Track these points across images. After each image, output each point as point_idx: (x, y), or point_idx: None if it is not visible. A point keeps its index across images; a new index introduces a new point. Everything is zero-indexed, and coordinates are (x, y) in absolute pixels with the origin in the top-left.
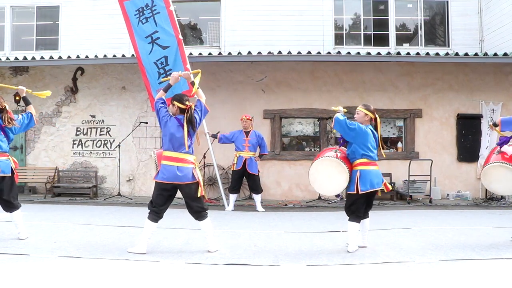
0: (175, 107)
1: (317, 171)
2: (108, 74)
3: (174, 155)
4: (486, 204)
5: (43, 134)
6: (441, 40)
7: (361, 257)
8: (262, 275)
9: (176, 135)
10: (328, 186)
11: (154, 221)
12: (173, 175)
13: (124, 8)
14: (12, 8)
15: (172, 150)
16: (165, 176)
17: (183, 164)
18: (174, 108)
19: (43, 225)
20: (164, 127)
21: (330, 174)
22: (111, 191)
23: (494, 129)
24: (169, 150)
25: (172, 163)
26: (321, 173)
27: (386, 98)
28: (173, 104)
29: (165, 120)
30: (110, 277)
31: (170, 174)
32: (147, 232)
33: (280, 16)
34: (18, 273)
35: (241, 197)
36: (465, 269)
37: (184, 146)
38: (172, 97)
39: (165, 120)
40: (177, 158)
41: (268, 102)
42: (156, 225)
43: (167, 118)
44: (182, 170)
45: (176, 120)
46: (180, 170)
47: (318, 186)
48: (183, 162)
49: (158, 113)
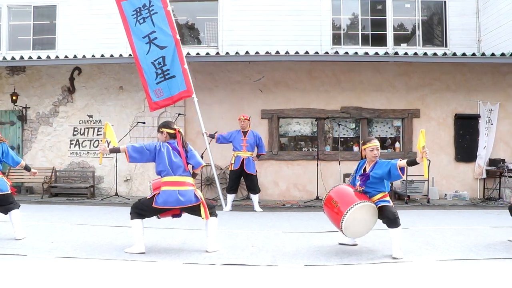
0: (164, 134)
1: (354, 219)
2: (106, 74)
3: (174, 179)
4: (484, 204)
5: (40, 134)
6: (438, 40)
7: (359, 257)
8: (260, 275)
9: (173, 159)
10: (362, 230)
11: (140, 218)
12: (175, 200)
13: (122, 8)
14: (8, 8)
15: (172, 174)
16: (166, 201)
17: (184, 187)
18: (163, 136)
19: (40, 225)
20: (158, 155)
21: (366, 219)
22: (108, 191)
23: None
24: (168, 175)
25: (172, 187)
26: (357, 219)
27: (384, 98)
28: (161, 132)
29: (158, 149)
30: (107, 277)
31: (172, 199)
32: (138, 230)
33: (278, 16)
34: (15, 273)
35: (238, 197)
36: (463, 269)
37: (182, 168)
38: (159, 126)
39: (158, 148)
40: (177, 181)
41: (265, 102)
42: (143, 220)
43: (159, 146)
44: (184, 194)
45: (169, 145)
46: (181, 194)
47: (350, 232)
48: (184, 185)
49: (149, 149)
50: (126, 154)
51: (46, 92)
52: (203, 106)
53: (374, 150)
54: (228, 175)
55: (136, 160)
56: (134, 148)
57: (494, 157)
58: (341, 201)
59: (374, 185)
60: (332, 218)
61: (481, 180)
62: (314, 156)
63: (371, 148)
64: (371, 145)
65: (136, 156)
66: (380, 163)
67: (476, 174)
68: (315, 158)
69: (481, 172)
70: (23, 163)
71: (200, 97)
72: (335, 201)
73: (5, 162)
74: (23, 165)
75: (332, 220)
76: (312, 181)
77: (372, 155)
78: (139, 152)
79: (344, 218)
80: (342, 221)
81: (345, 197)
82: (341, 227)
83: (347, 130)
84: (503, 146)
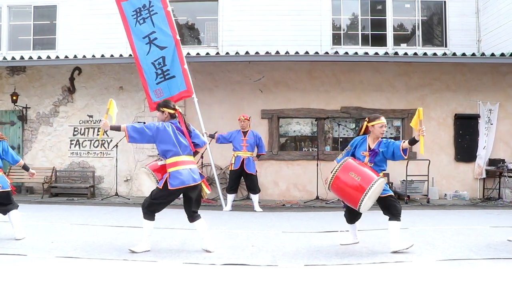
0: (165, 113)
1: (372, 194)
2: (106, 74)
3: (184, 158)
4: (484, 204)
5: (41, 134)
6: (438, 40)
7: (359, 257)
8: (260, 275)
9: (180, 139)
10: (370, 204)
11: (152, 219)
12: (191, 178)
13: (122, 8)
14: (9, 8)
15: (180, 154)
16: (183, 180)
17: (193, 165)
18: (164, 115)
19: (40, 225)
20: (162, 135)
21: (377, 194)
22: (108, 191)
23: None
24: (177, 155)
25: (184, 166)
26: (374, 194)
27: (384, 98)
28: (162, 111)
29: (162, 129)
30: (107, 277)
31: (187, 177)
32: (149, 230)
33: (277, 16)
34: (15, 273)
35: (239, 197)
36: (463, 269)
37: (189, 147)
38: (158, 105)
39: (162, 128)
40: (187, 160)
41: (265, 102)
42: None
43: (162, 126)
44: (194, 172)
45: (172, 124)
46: (193, 171)
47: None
48: (192, 164)
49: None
50: (126, 134)
51: (46, 92)
52: (203, 106)
53: (383, 127)
54: (228, 175)
55: (136, 141)
56: (134, 128)
57: (494, 157)
58: (362, 176)
59: (380, 162)
60: (347, 193)
61: (481, 180)
62: (314, 156)
63: (381, 124)
64: (381, 122)
65: (136, 136)
66: (385, 141)
67: (476, 174)
68: (315, 158)
69: (481, 172)
70: (22, 162)
71: (200, 97)
72: (355, 174)
73: (5, 160)
74: (22, 164)
75: (347, 195)
76: (312, 181)
77: (381, 131)
78: (140, 132)
79: (368, 192)
80: (365, 195)
81: (364, 172)
82: (361, 201)
83: (347, 130)
84: (503, 146)
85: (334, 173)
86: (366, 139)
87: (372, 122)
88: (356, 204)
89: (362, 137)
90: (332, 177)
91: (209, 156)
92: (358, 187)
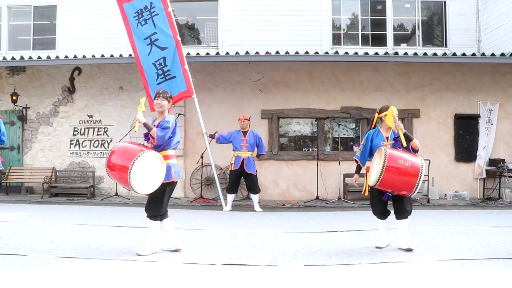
0: (170, 103)
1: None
2: (106, 74)
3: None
4: (484, 204)
5: (40, 134)
6: (438, 40)
7: (359, 257)
8: (260, 275)
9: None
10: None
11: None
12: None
13: (123, 10)
14: (9, 8)
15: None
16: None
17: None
18: (169, 105)
19: (40, 225)
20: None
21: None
22: (108, 191)
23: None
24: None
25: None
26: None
27: (384, 98)
28: (169, 101)
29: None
30: (107, 277)
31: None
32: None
33: (277, 16)
34: (15, 273)
35: (239, 197)
36: (463, 269)
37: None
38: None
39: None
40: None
41: (265, 102)
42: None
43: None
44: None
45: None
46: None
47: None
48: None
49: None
50: (154, 136)
51: (46, 92)
52: (203, 106)
53: (396, 117)
54: (228, 175)
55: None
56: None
57: (494, 157)
58: (410, 161)
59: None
60: (403, 181)
61: (481, 180)
62: (314, 156)
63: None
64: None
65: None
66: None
67: (476, 174)
68: (315, 158)
69: (481, 172)
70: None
71: (200, 97)
72: (403, 161)
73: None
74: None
75: (403, 183)
76: (312, 181)
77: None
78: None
79: (422, 174)
80: (419, 178)
81: (408, 157)
82: (417, 185)
83: (347, 130)
84: (503, 146)
85: (383, 166)
86: (379, 131)
87: (384, 113)
88: (411, 190)
89: (375, 130)
90: (382, 171)
91: (209, 156)
92: (412, 172)
